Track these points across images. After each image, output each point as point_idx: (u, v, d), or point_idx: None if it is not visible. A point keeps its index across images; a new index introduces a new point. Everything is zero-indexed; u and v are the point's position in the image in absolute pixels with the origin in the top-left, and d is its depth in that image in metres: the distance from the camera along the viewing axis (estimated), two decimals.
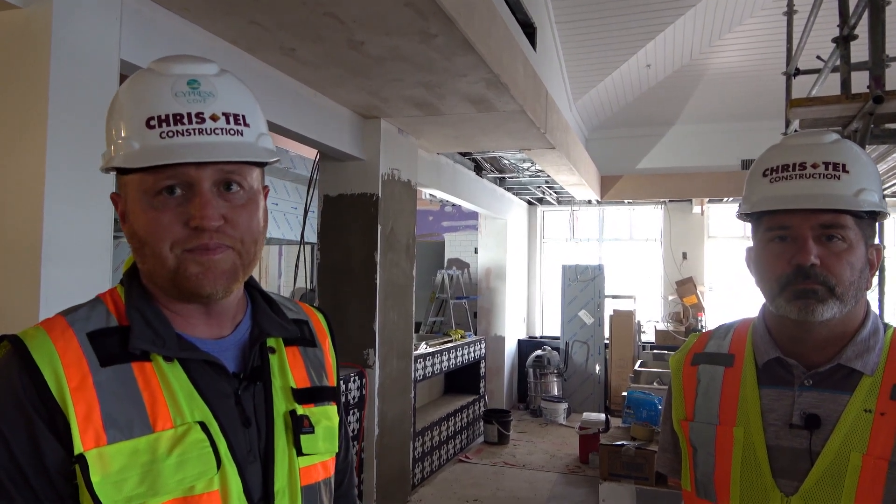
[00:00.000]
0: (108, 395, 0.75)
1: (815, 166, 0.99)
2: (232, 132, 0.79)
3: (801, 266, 0.97)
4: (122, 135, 0.78)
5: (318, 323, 1.03)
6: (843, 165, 0.98)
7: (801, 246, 0.98)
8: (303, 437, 0.87)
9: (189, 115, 0.77)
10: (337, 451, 0.96)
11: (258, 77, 3.12)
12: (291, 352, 0.93)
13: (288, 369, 0.91)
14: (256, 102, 0.86)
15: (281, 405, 0.88)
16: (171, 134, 0.76)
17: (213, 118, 0.78)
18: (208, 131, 0.77)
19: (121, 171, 0.80)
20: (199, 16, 2.59)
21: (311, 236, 4.69)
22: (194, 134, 0.76)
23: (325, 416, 0.93)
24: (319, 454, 0.90)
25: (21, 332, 0.78)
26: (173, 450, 0.76)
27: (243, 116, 0.80)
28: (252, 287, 0.94)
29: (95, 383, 0.75)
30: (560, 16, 5.78)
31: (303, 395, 0.91)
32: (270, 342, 0.91)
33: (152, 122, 0.76)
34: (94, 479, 0.72)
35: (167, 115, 0.76)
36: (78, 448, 0.73)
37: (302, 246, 4.45)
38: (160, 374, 0.79)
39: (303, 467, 0.87)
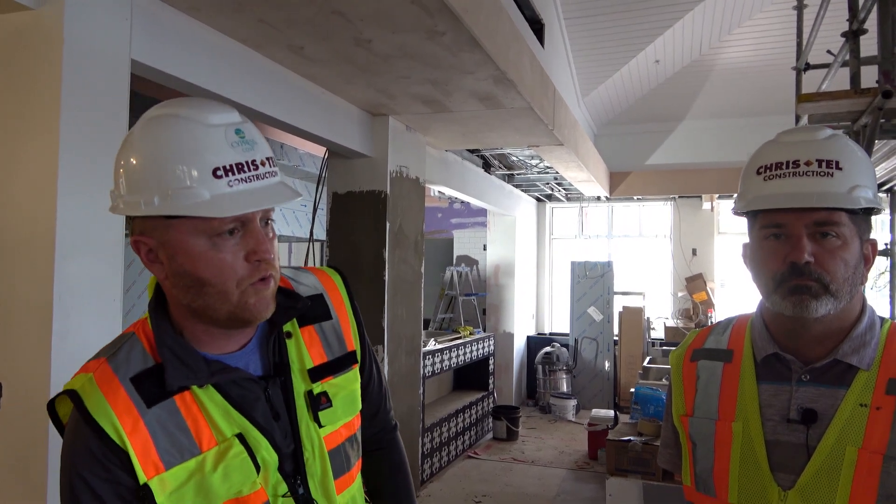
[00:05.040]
0: (159, 430, 0.88)
1: (808, 164, 0.99)
2: (271, 175, 0.88)
3: (795, 263, 0.98)
4: (184, 183, 0.82)
5: (334, 287, 1.10)
6: (837, 162, 0.98)
7: (796, 244, 0.98)
8: (321, 414, 0.99)
9: (247, 163, 0.85)
10: (360, 409, 1.08)
11: (267, 75, 3.15)
12: (307, 332, 1.03)
13: (304, 351, 1.01)
14: None
15: (300, 387, 0.99)
16: (236, 182, 0.84)
17: (262, 164, 0.87)
18: (261, 176, 0.86)
19: (169, 217, 0.84)
20: (209, 15, 2.62)
21: (320, 233, 4.72)
22: (253, 181, 0.85)
23: (346, 384, 1.04)
24: (341, 420, 1.03)
25: (78, 384, 0.89)
26: (218, 465, 0.89)
27: (271, 159, 0.90)
28: None
29: (146, 423, 0.88)
30: (568, 12, 5.77)
31: (321, 371, 1.01)
32: (287, 327, 1.00)
33: (219, 172, 0.83)
34: (159, 499, 0.87)
35: (231, 165, 0.84)
36: (142, 479, 0.86)
37: (311, 243, 4.48)
38: (198, 401, 0.91)
39: (326, 435, 1.00)
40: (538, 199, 9.03)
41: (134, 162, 0.85)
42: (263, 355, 0.97)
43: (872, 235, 1.04)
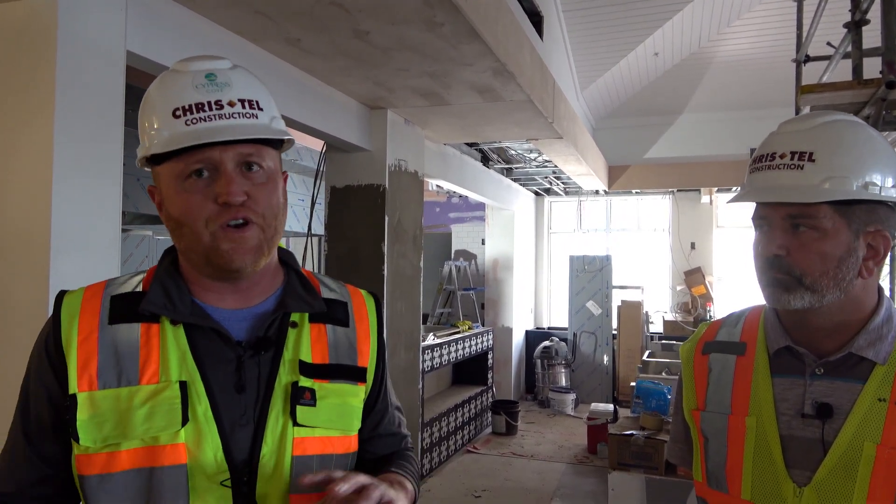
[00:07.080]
0: (109, 348, 0.87)
1: (782, 156, 0.98)
2: (247, 115, 0.87)
3: (766, 256, 0.99)
4: (155, 127, 0.87)
5: (362, 305, 1.06)
6: (810, 154, 0.96)
7: (769, 236, 1.00)
8: (299, 408, 0.91)
9: (209, 102, 0.85)
10: (352, 431, 0.98)
11: (264, 68, 3.11)
12: (317, 328, 0.97)
13: (305, 344, 0.95)
14: (267, 91, 0.94)
15: (285, 376, 0.92)
16: (194, 121, 0.85)
17: (231, 104, 0.86)
18: (227, 115, 0.86)
19: (154, 163, 0.89)
20: (204, 6, 2.58)
21: (319, 228, 4.69)
22: (215, 119, 0.85)
23: (339, 393, 0.96)
24: (322, 428, 0.93)
25: (76, 289, 0.94)
26: (146, 402, 0.85)
27: (256, 102, 0.89)
28: (289, 267, 1.01)
29: (99, 338, 0.88)
30: (567, 4, 5.73)
31: (317, 370, 0.94)
32: (294, 317, 0.96)
33: (178, 113, 0.85)
34: (81, 416, 0.85)
35: (190, 105, 0.85)
36: (73, 388, 0.86)
37: (309, 238, 4.45)
38: (162, 337, 0.88)
39: (298, 437, 0.90)
40: (536, 194, 9.00)
41: (139, 115, 0.92)
42: (256, 327, 0.92)
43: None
